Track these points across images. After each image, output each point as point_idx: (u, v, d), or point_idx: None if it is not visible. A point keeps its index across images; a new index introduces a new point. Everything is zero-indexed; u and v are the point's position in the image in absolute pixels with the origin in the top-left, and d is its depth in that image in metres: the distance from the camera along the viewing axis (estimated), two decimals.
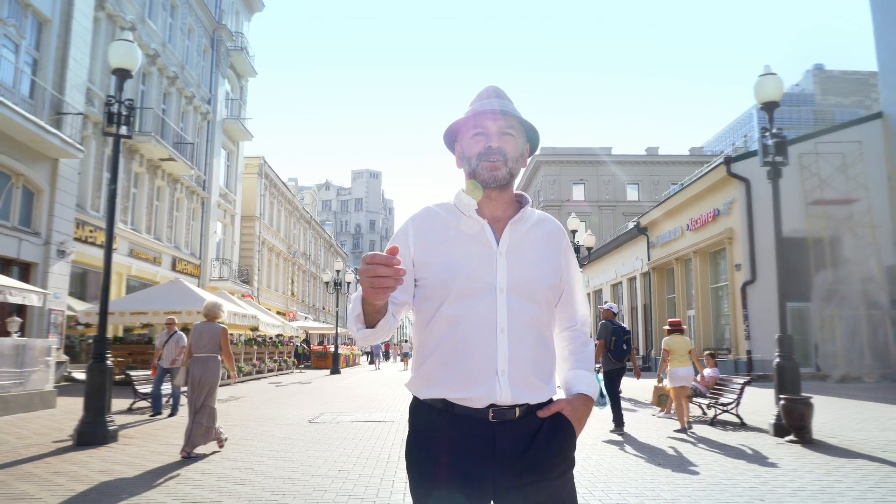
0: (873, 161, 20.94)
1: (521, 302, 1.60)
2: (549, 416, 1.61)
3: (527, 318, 1.60)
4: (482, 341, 1.56)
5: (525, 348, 1.58)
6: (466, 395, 1.55)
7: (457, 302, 1.58)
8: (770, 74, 8.56)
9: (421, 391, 1.64)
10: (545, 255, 1.70)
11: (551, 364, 1.69)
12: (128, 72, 8.04)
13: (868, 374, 19.15)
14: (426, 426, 1.61)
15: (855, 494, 4.84)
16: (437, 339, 1.61)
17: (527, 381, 1.58)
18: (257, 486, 5.09)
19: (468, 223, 1.65)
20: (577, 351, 1.78)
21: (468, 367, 1.56)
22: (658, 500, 4.68)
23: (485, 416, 1.55)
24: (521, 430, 1.57)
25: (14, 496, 4.72)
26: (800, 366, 20.16)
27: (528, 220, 1.71)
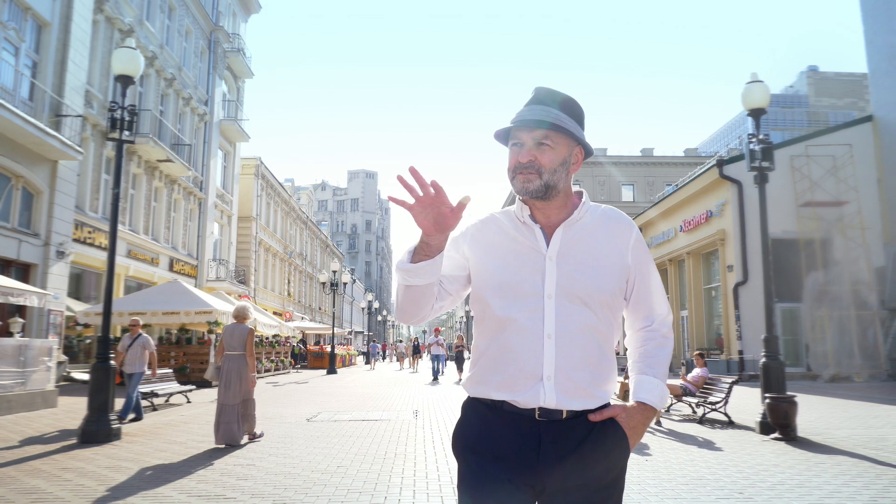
0: (863, 163, 21.25)
1: (572, 307, 1.56)
2: (600, 420, 1.57)
3: (578, 325, 1.56)
4: (528, 347, 1.55)
5: (575, 355, 1.55)
6: (512, 397, 1.55)
7: (506, 307, 1.58)
8: (757, 82, 8.80)
9: (473, 390, 1.65)
10: (605, 257, 1.63)
11: (607, 371, 1.62)
12: (130, 78, 8.21)
13: (858, 374, 19.45)
14: (475, 418, 1.62)
15: (831, 488, 5.07)
16: (488, 341, 1.62)
17: (575, 387, 1.55)
18: (259, 481, 5.30)
19: (522, 229, 1.65)
20: (649, 354, 1.71)
21: (513, 372, 1.55)
22: (643, 493, 4.89)
23: (531, 414, 1.55)
24: (569, 432, 1.54)
25: (25, 491, 4.91)
26: (791, 366, 20.61)
27: (588, 219, 1.66)
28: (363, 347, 63.30)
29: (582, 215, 1.64)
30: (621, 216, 1.71)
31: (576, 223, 1.63)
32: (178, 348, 18.19)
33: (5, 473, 5.54)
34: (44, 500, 4.60)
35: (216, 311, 17.26)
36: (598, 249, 1.63)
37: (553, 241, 1.61)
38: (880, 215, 21.11)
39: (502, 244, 1.65)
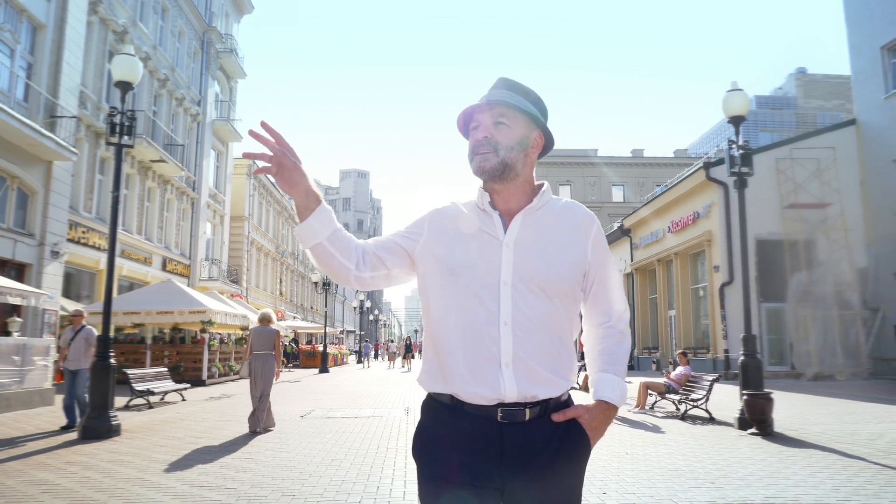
0: (846, 166, 21.68)
1: (528, 295, 1.54)
2: (563, 420, 1.56)
3: (535, 313, 1.54)
4: (485, 334, 1.52)
5: (532, 343, 1.52)
6: (471, 388, 1.51)
7: (462, 294, 1.56)
8: (736, 90, 9.13)
9: (429, 384, 1.62)
10: (564, 247, 1.61)
11: (567, 360, 1.60)
12: (130, 84, 8.44)
13: (840, 373, 19.87)
14: (435, 421, 1.59)
15: (798, 478, 5.38)
16: (443, 331, 1.58)
17: (534, 374, 1.52)
18: (258, 472, 5.56)
19: (481, 216, 1.63)
20: (607, 351, 1.69)
21: (472, 360, 1.52)
22: (620, 482, 5.19)
23: (493, 415, 1.51)
24: (532, 434, 1.53)
25: (34, 482, 5.15)
26: (776, 364, 21.00)
27: (548, 209, 1.65)
28: (354, 346, 63.49)
29: (542, 204, 1.64)
30: (583, 209, 1.70)
31: (535, 211, 1.62)
32: (171, 347, 18.37)
33: (12, 467, 5.77)
34: (53, 491, 4.84)
35: (210, 310, 17.47)
36: (558, 239, 1.61)
37: (511, 228, 1.59)
38: (863, 217, 21.54)
39: (459, 231, 1.62)
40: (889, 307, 20.62)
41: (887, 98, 21.02)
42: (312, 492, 4.85)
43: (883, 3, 21.13)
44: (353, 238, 1.66)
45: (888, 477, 5.43)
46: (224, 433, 8.15)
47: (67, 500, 4.60)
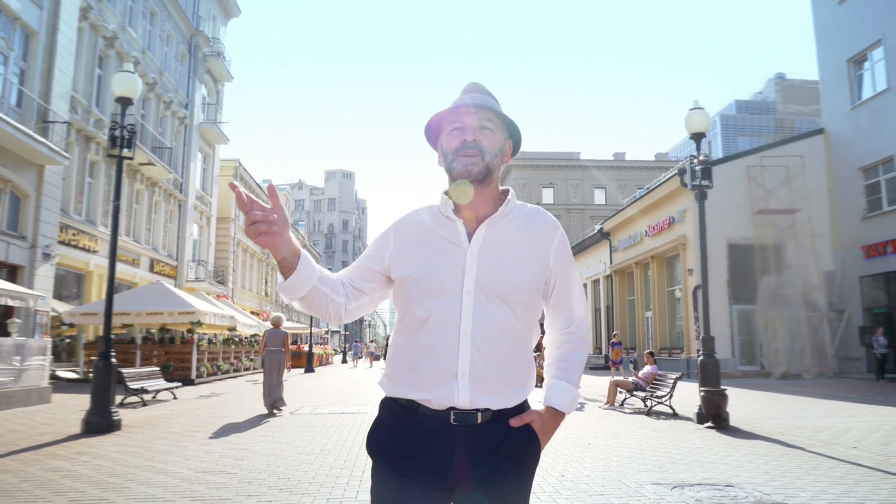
0: (814, 174, 22.60)
1: (490, 304, 1.55)
2: (519, 426, 1.58)
3: (495, 321, 1.55)
4: (444, 343, 1.53)
5: (491, 352, 1.54)
6: (426, 395, 1.54)
7: (424, 302, 1.57)
8: (698, 109, 9.83)
9: (389, 388, 1.64)
10: (527, 256, 1.62)
11: (524, 371, 1.62)
12: (129, 100, 8.95)
13: (807, 372, 20.77)
14: (391, 420, 1.61)
15: (736, 464, 6.06)
16: (406, 338, 1.61)
17: (490, 385, 1.54)
18: (254, 461, 6.14)
19: (444, 223, 1.63)
20: (563, 357, 1.72)
21: (429, 369, 1.54)
22: (578, 468, 5.84)
23: (446, 417, 1.53)
24: (483, 438, 1.54)
25: (52, 469, 5.69)
26: (746, 364, 21.84)
27: (513, 217, 1.65)
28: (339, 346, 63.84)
29: (507, 212, 1.64)
30: (547, 217, 1.71)
31: (500, 219, 1.63)
32: (160, 347, 18.78)
33: (28, 458, 6.30)
34: (71, 476, 5.39)
35: (199, 311, 17.92)
36: (521, 248, 1.62)
37: (476, 237, 1.60)
38: (829, 223, 22.49)
39: (424, 240, 1.63)
40: (853, 309, 21.59)
41: (853, 109, 21.95)
42: (305, 476, 5.45)
43: (848, 19, 22.06)
44: (332, 273, 1.72)
45: (816, 463, 6.12)
46: (219, 427, 8.70)
47: (88, 483, 5.16)
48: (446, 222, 1.63)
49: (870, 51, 21.28)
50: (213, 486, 5.04)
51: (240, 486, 5.03)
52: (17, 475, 5.45)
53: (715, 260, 21.77)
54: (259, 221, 1.48)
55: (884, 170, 20.67)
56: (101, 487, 4.99)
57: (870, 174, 21.33)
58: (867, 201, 21.30)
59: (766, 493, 4.82)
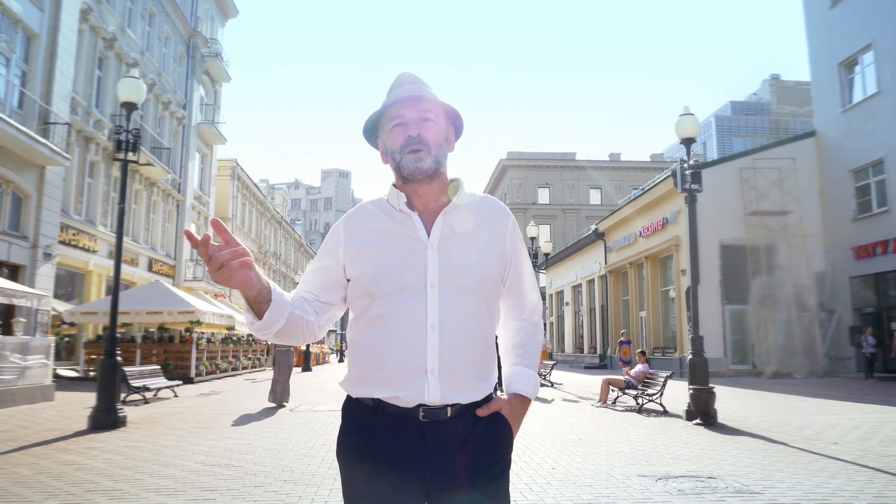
0: (806, 176, 22.92)
1: (455, 296, 1.52)
2: (487, 415, 1.55)
3: (461, 313, 1.52)
4: (411, 339, 1.49)
5: (460, 345, 1.51)
6: (393, 393, 1.49)
7: (386, 299, 1.52)
8: (688, 115, 10.11)
9: (353, 389, 1.59)
10: (484, 243, 1.60)
11: (490, 361, 1.60)
12: (135, 105, 9.17)
13: (798, 371, 21.08)
14: (358, 424, 1.56)
15: (720, 458, 6.34)
16: (368, 337, 1.55)
17: (459, 379, 1.51)
18: (258, 455, 6.39)
19: (399, 218, 1.59)
20: (521, 344, 1.71)
21: (396, 366, 1.50)
22: (569, 461, 6.11)
23: (415, 415, 1.49)
24: (454, 431, 1.51)
25: (65, 463, 5.93)
26: (739, 363, 22.15)
27: (465, 206, 1.62)
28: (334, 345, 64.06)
29: (459, 202, 1.61)
30: (497, 203, 1.70)
31: (454, 209, 1.60)
32: (160, 346, 19.00)
33: (40, 452, 6.54)
34: (85, 469, 5.63)
35: (198, 310, 18.14)
36: (479, 237, 1.60)
37: (434, 229, 1.57)
38: (821, 224, 22.81)
39: (379, 235, 1.58)
40: (844, 309, 21.92)
41: (844, 112, 22.27)
42: (308, 469, 5.70)
43: (839, 23, 22.39)
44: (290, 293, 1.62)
45: (796, 458, 6.40)
46: (221, 423, 8.95)
47: (100, 475, 5.40)
48: (400, 216, 1.59)
49: (860, 55, 21.60)
50: (220, 478, 5.29)
51: (246, 478, 5.29)
52: (32, 468, 5.69)
53: (708, 261, 22.15)
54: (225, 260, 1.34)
55: (874, 172, 21.00)
56: (114, 479, 5.23)
57: (860, 176, 21.65)
58: (857, 203, 21.62)
59: (745, 485, 5.09)
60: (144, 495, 4.70)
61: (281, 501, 4.56)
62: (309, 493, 4.83)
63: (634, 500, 4.61)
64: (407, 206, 1.59)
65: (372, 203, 1.67)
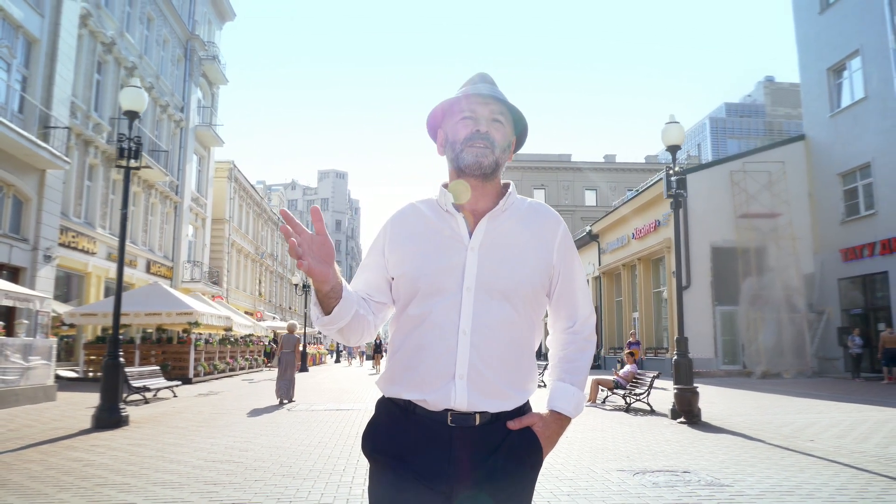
0: (795, 179, 23.31)
1: (492, 302, 1.50)
2: (518, 428, 1.52)
3: (495, 320, 1.50)
4: (442, 343, 1.49)
5: (491, 352, 1.49)
6: (422, 396, 1.49)
7: (423, 300, 1.52)
8: (674, 123, 10.43)
9: (386, 388, 1.59)
10: (529, 251, 1.57)
11: (525, 371, 1.57)
12: (136, 113, 9.45)
13: (787, 371, 21.45)
14: (388, 420, 1.56)
15: (697, 454, 6.65)
16: (403, 337, 1.55)
17: (489, 387, 1.49)
18: (257, 451, 6.69)
19: (444, 218, 1.58)
20: (568, 359, 1.66)
21: (426, 369, 1.50)
22: (554, 454, 6.42)
23: (443, 419, 1.48)
24: (482, 439, 1.49)
25: (73, 459, 6.22)
26: (729, 363, 22.50)
27: (514, 211, 1.60)
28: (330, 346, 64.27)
29: (508, 206, 1.59)
30: (549, 211, 1.67)
31: (500, 214, 1.58)
32: (158, 347, 19.26)
33: (48, 449, 6.82)
34: (92, 466, 5.92)
35: (196, 312, 18.39)
36: (523, 243, 1.57)
37: (476, 232, 1.55)
38: (810, 227, 23.19)
39: (423, 235, 1.58)
40: (833, 310, 22.31)
41: (832, 116, 22.66)
42: (305, 465, 6.00)
43: (828, 29, 22.77)
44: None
45: (771, 454, 6.72)
46: (221, 422, 9.23)
47: (108, 470, 5.69)
48: (446, 216, 1.59)
49: (848, 60, 21.99)
50: (222, 473, 5.58)
51: (247, 473, 5.58)
52: (42, 464, 5.98)
53: (699, 262, 22.55)
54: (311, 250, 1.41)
55: (861, 176, 21.38)
56: (121, 474, 5.52)
57: (848, 180, 22.03)
58: (846, 206, 22.00)
59: (717, 478, 5.40)
60: (152, 489, 4.99)
61: (280, 494, 4.87)
62: (306, 486, 5.13)
63: (611, 493, 4.92)
64: (454, 207, 1.58)
65: (421, 202, 1.66)
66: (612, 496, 4.81)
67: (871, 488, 5.08)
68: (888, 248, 19.80)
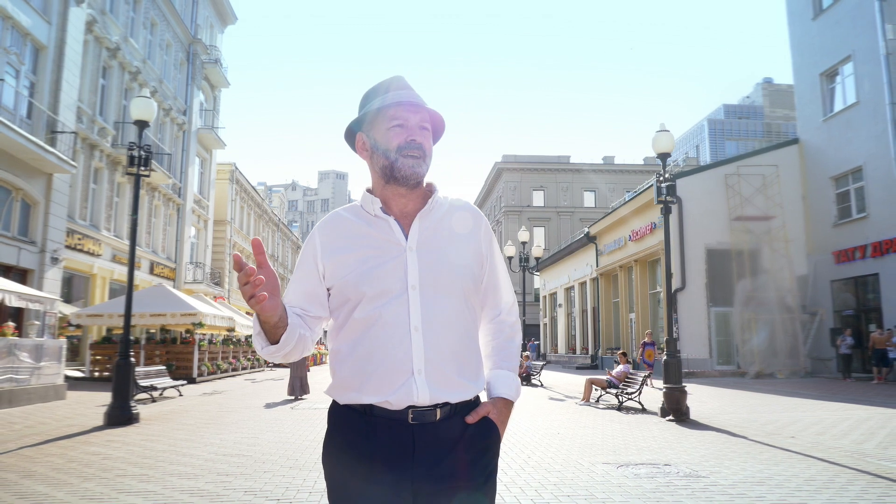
0: (789, 182, 23.68)
1: (437, 297, 1.55)
2: (476, 420, 1.57)
3: (444, 314, 1.55)
4: (396, 342, 1.51)
5: (444, 346, 1.53)
6: (384, 398, 1.50)
7: (369, 304, 1.53)
8: (664, 131, 10.81)
9: (340, 396, 1.58)
10: (461, 244, 1.63)
11: (476, 360, 1.63)
12: (146, 123, 9.83)
13: (780, 371, 21.82)
14: (344, 429, 1.56)
15: (681, 449, 7.03)
16: (352, 343, 1.56)
17: (447, 379, 1.53)
18: (265, 446, 7.07)
19: (375, 223, 1.61)
20: (500, 347, 1.72)
21: (384, 370, 1.51)
22: (543, 452, 6.80)
23: (404, 417, 1.50)
24: (443, 434, 1.53)
25: (91, 453, 6.60)
26: (724, 364, 22.86)
27: (440, 209, 1.65)
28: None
29: (434, 205, 1.64)
30: (469, 205, 1.73)
31: (429, 213, 1.63)
32: (162, 347, 19.65)
33: (66, 444, 7.20)
34: (110, 459, 6.30)
35: (200, 313, 18.78)
36: (455, 238, 1.63)
37: (412, 232, 1.59)
38: (803, 229, 23.56)
39: (357, 241, 1.60)
40: (825, 311, 22.68)
41: (825, 120, 23.02)
42: (310, 458, 6.39)
43: (821, 34, 23.15)
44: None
45: (750, 449, 7.10)
46: (227, 420, 9.62)
47: (125, 462, 6.07)
48: (377, 221, 1.61)
49: (841, 65, 22.36)
50: (233, 465, 5.97)
51: (256, 465, 5.97)
52: (62, 457, 6.36)
53: (694, 264, 22.95)
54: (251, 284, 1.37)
55: (853, 179, 21.75)
56: (139, 466, 5.91)
57: (840, 183, 22.40)
58: (838, 209, 22.36)
59: (695, 470, 5.78)
60: (169, 479, 5.37)
61: (288, 483, 5.25)
62: (312, 476, 5.51)
63: (594, 483, 5.30)
64: (382, 211, 1.61)
65: (345, 210, 1.69)
66: (595, 486, 5.19)
67: (838, 479, 5.46)
68: (879, 250, 20.17)
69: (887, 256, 19.86)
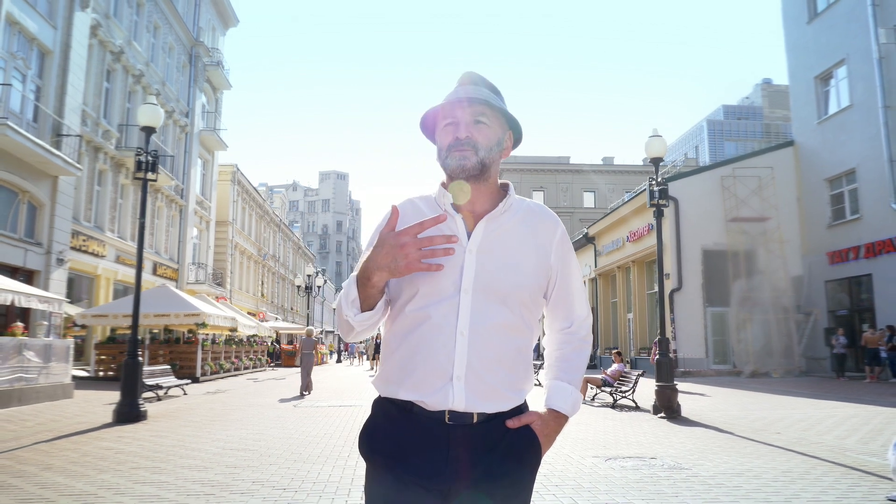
0: (784, 184, 23.98)
1: (489, 304, 1.51)
2: (517, 427, 1.53)
3: (493, 322, 1.50)
4: (441, 344, 1.49)
5: (488, 354, 1.50)
6: (420, 397, 1.49)
7: (421, 301, 1.52)
8: (657, 136, 11.11)
9: (383, 389, 1.59)
10: (527, 254, 1.57)
11: (522, 372, 1.57)
12: (153, 129, 10.13)
13: (775, 371, 22.12)
14: (385, 421, 1.56)
15: (668, 444, 7.33)
16: (400, 338, 1.55)
17: (486, 388, 1.50)
18: (269, 442, 7.37)
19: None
20: (564, 358, 1.67)
21: (424, 370, 1.50)
22: None
23: (441, 417, 1.49)
24: (480, 437, 1.49)
25: (104, 448, 6.90)
26: (720, 363, 23.14)
27: (513, 213, 1.61)
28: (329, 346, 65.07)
29: (507, 208, 1.60)
30: (547, 212, 1.68)
31: (499, 216, 1.59)
32: (166, 347, 19.95)
33: (79, 440, 7.50)
34: (123, 453, 6.60)
35: (203, 313, 19.06)
36: (521, 245, 1.58)
37: (475, 234, 1.55)
38: (798, 231, 23.87)
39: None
40: (820, 311, 22.98)
41: (820, 123, 23.33)
42: (314, 452, 6.69)
43: (815, 38, 23.45)
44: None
45: (735, 444, 7.40)
46: (232, 417, 9.92)
47: (138, 457, 6.37)
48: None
49: (835, 69, 22.66)
50: (240, 458, 6.27)
51: (262, 458, 6.28)
52: (76, 452, 6.66)
53: (691, 265, 23.25)
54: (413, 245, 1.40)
55: (847, 181, 22.05)
56: (150, 460, 6.21)
57: (835, 185, 22.70)
58: (832, 210, 22.67)
59: (679, 463, 6.08)
60: (180, 471, 5.68)
61: (294, 475, 5.55)
62: (316, 469, 5.81)
63: (581, 474, 5.60)
64: (452, 207, 1.59)
65: (420, 199, 1.67)
66: (583, 477, 5.49)
67: (813, 472, 5.76)
68: (872, 251, 20.47)
69: (880, 257, 20.16)
